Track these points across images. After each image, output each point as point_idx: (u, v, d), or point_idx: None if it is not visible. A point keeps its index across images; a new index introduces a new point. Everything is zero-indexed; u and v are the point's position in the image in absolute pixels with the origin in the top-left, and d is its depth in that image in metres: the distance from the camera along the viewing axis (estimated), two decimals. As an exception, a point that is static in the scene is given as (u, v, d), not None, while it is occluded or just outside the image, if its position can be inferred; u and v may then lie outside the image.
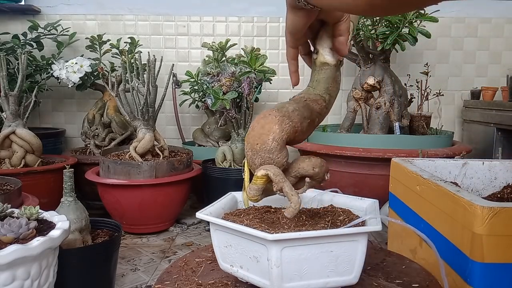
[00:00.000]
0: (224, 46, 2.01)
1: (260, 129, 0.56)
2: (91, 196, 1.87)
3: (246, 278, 0.61)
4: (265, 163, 0.56)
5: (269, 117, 0.56)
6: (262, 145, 0.56)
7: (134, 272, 1.36)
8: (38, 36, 2.16)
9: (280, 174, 0.54)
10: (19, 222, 0.85)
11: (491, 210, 0.74)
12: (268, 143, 0.55)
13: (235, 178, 1.76)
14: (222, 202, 0.72)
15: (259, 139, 0.56)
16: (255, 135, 0.57)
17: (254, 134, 0.57)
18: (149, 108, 1.76)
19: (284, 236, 0.55)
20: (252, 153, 0.57)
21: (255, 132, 0.57)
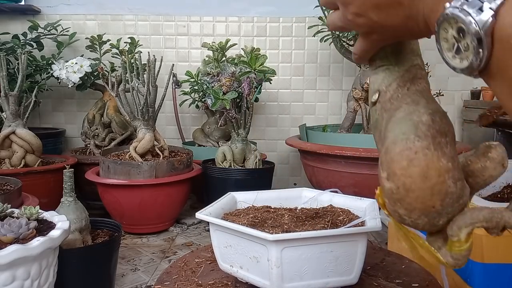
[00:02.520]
0: (224, 46, 2.01)
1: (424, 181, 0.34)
2: (91, 196, 1.87)
3: (246, 278, 0.61)
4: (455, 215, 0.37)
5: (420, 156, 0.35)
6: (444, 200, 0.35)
7: (134, 272, 1.36)
8: (38, 36, 2.16)
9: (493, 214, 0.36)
10: (19, 222, 0.85)
11: (491, 210, 0.74)
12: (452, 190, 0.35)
13: (235, 178, 1.76)
14: (222, 202, 0.72)
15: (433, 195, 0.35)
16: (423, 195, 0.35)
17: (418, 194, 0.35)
18: (149, 108, 1.76)
19: (284, 236, 0.55)
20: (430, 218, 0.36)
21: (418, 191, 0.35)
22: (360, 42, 0.41)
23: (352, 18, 0.37)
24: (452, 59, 0.31)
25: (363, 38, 0.40)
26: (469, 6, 0.28)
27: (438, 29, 0.31)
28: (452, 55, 0.31)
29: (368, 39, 0.40)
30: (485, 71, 0.30)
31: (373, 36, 0.39)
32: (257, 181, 1.77)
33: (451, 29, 0.30)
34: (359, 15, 0.37)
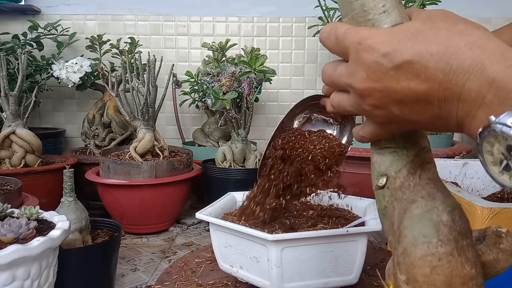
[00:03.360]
0: (224, 46, 2.01)
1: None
2: (91, 196, 1.87)
3: (246, 278, 0.61)
4: None
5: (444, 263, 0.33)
6: None
7: (134, 272, 1.36)
8: (38, 36, 2.16)
9: None
10: (19, 222, 0.85)
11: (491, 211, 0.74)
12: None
13: (235, 178, 1.76)
14: (222, 202, 0.72)
15: None
16: None
17: None
18: (149, 108, 1.76)
19: (284, 236, 0.55)
20: None
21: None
22: (372, 128, 0.36)
23: (370, 110, 0.33)
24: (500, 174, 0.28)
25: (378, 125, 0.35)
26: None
27: (482, 141, 0.28)
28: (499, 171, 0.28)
29: (383, 127, 0.35)
30: None
31: (391, 126, 0.35)
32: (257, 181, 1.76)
33: (498, 144, 0.27)
34: (378, 108, 0.32)
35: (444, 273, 0.32)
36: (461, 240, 0.33)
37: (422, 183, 0.37)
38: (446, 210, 0.34)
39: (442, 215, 0.34)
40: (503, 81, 0.26)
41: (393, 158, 0.38)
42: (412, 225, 0.34)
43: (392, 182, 0.38)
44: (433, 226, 0.34)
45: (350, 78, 0.32)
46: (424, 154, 0.39)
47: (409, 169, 0.38)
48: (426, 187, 0.37)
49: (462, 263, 0.32)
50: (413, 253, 0.33)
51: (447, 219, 0.34)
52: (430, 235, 0.33)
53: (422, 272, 0.33)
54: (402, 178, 0.38)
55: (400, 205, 0.37)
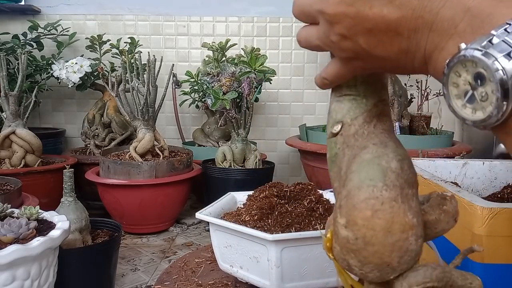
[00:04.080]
0: (224, 46, 2.01)
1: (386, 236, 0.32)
2: (91, 196, 1.87)
3: (246, 278, 0.61)
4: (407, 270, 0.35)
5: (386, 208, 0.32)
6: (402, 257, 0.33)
7: (134, 272, 1.36)
8: (38, 36, 2.16)
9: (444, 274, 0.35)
10: (19, 222, 0.85)
11: (491, 211, 0.74)
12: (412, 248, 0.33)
13: (235, 178, 1.76)
14: (222, 202, 0.72)
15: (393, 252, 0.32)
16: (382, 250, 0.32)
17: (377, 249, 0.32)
18: (149, 108, 1.76)
19: (283, 236, 0.55)
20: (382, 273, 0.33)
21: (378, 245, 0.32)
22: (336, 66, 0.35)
23: (337, 40, 0.31)
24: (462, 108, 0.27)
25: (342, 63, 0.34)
26: (495, 50, 0.24)
27: (449, 71, 0.27)
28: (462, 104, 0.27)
29: (347, 65, 0.34)
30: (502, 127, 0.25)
31: (355, 63, 0.33)
32: (257, 181, 1.76)
33: (466, 73, 0.26)
34: (346, 38, 0.30)
35: (385, 217, 0.31)
36: (407, 188, 0.33)
37: (376, 131, 0.37)
38: (396, 158, 0.34)
39: (392, 162, 0.33)
40: (478, 9, 0.25)
41: (351, 106, 0.38)
42: (360, 169, 0.34)
43: (347, 129, 0.37)
44: (381, 171, 0.33)
45: (322, 3, 0.31)
46: (382, 105, 0.38)
47: (365, 118, 0.37)
48: (380, 135, 0.36)
49: (404, 210, 0.32)
50: (356, 195, 0.33)
51: (396, 166, 0.33)
52: (376, 178, 0.33)
53: (362, 215, 0.32)
54: (357, 125, 0.37)
55: (351, 151, 0.36)
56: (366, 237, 0.32)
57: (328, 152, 0.39)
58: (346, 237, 0.33)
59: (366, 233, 0.32)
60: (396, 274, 0.34)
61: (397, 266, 0.33)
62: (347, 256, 0.34)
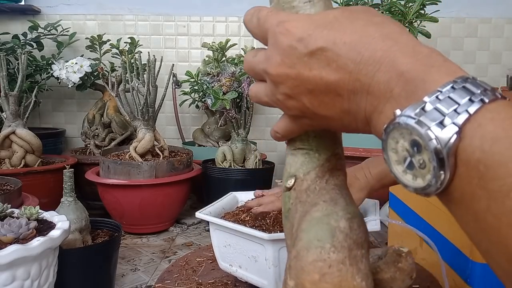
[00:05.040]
0: (224, 46, 2.01)
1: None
2: (91, 196, 1.87)
3: (245, 277, 0.61)
4: None
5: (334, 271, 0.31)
6: None
7: (134, 272, 1.36)
8: (38, 36, 2.16)
9: None
10: (19, 222, 0.85)
11: (491, 210, 0.74)
12: None
13: (235, 178, 1.76)
14: (223, 202, 0.72)
15: None
16: None
17: None
18: (149, 108, 1.76)
19: (281, 235, 0.55)
20: None
21: None
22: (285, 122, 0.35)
23: (282, 99, 0.32)
24: (403, 174, 0.26)
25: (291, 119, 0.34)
26: (427, 118, 0.23)
27: (386, 137, 0.26)
28: (402, 170, 0.26)
29: (296, 121, 0.34)
30: (444, 194, 0.25)
31: (303, 120, 0.33)
32: (257, 181, 1.77)
33: (403, 140, 0.25)
34: (290, 97, 0.31)
35: (333, 281, 0.30)
36: (356, 249, 0.32)
37: (328, 188, 0.36)
38: (346, 217, 0.33)
39: (340, 221, 0.33)
40: (412, 74, 0.25)
41: (304, 160, 0.37)
42: (309, 228, 0.33)
43: (299, 184, 0.37)
44: (329, 231, 0.32)
45: (266, 63, 0.32)
46: (335, 160, 0.38)
47: (317, 173, 0.37)
48: (331, 192, 0.36)
49: (352, 273, 0.31)
50: (305, 257, 0.32)
51: (344, 225, 0.33)
52: (324, 239, 0.32)
53: (310, 278, 0.31)
54: (309, 180, 0.37)
55: (302, 208, 0.36)
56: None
57: (283, 207, 0.39)
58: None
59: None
60: None
61: None
62: None
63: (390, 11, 1.76)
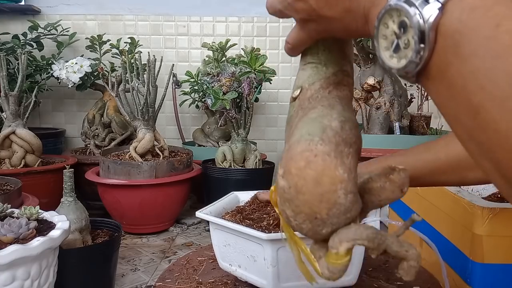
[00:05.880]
0: (224, 46, 2.01)
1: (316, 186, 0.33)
2: (91, 196, 1.87)
3: (244, 277, 0.61)
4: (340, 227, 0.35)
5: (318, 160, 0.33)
6: (331, 209, 0.34)
7: (134, 272, 1.36)
8: (38, 36, 2.16)
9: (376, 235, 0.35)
10: (19, 222, 0.85)
11: (491, 211, 0.74)
12: (341, 202, 0.33)
13: (235, 178, 1.76)
14: (224, 201, 0.72)
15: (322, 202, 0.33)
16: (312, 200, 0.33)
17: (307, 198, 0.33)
18: (149, 108, 1.76)
19: (279, 235, 0.55)
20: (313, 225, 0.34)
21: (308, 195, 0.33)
22: (296, 30, 0.39)
23: (291, 2, 0.35)
24: (390, 58, 0.29)
25: (300, 26, 0.38)
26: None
27: (378, 24, 0.29)
28: (389, 55, 0.29)
29: (304, 28, 0.37)
30: (424, 73, 0.27)
31: (310, 25, 0.36)
32: (257, 181, 1.77)
33: (393, 23, 0.28)
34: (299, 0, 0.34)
35: (316, 169, 0.33)
36: (343, 146, 0.34)
37: (329, 96, 0.38)
38: (339, 119, 0.35)
39: (333, 122, 0.35)
40: None
41: (312, 73, 0.40)
42: (303, 125, 0.36)
43: (304, 93, 0.39)
44: (321, 128, 0.34)
45: None
46: (342, 75, 0.40)
47: (322, 84, 0.39)
48: (331, 99, 0.38)
49: (336, 165, 0.33)
50: (294, 148, 0.34)
51: (336, 125, 0.34)
52: (314, 134, 0.34)
53: (296, 165, 0.33)
54: (313, 90, 0.39)
55: (302, 112, 0.38)
56: (297, 186, 0.33)
57: (288, 116, 0.41)
58: (282, 187, 0.34)
59: (298, 182, 0.33)
60: (328, 228, 0.34)
61: (326, 218, 0.34)
62: (284, 206, 0.35)
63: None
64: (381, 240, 0.35)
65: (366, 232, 0.34)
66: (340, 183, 0.33)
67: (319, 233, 0.35)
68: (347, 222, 0.35)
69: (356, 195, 0.34)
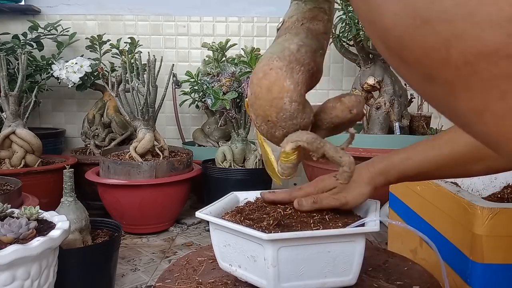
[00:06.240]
0: (224, 46, 2.01)
1: (268, 93, 0.41)
2: (91, 196, 1.87)
3: (244, 277, 0.61)
4: (290, 132, 0.43)
5: (272, 72, 0.41)
6: (278, 113, 0.41)
7: (134, 272, 1.36)
8: (38, 36, 2.16)
9: (315, 139, 0.42)
10: (19, 222, 0.85)
11: (491, 211, 0.74)
12: (286, 108, 0.41)
13: (235, 178, 1.76)
14: (224, 201, 0.72)
15: (271, 107, 0.41)
16: (264, 104, 0.41)
17: (261, 103, 0.41)
18: (149, 108, 1.76)
19: (280, 236, 0.55)
20: (268, 126, 0.43)
21: (262, 100, 0.41)
22: None
23: None
24: None
25: None
26: None
27: None
28: None
29: None
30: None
31: None
32: (257, 181, 1.77)
33: None
34: None
35: (270, 79, 0.41)
36: (295, 64, 0.41)
37: (300, 27, 0.44)
38: (298, 44, 0.42)
39: (292, 44, 0.42)
40: None
41: (293, 8, 0.45)
42: (271, 47, 0.43)
43: (284, 25, 0.45)
44: (281, 48, 0.42)
45: None
46: (317, 11, 0.44)
47: (298, 17, 0.44)
48: (299, 29, 0.43)
49: (285, 77, 0.40)
50: (258, 63, 0.42)
51: (293, 47, 0.41)
52: (274, 52, 0.42)
53: (257, 76, 0.42)
54: (290, 22, 0.45)
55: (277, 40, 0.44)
56: (256, 93, 0.42)
57: None
58: (248, 94, 0.43)
59: (256, 90, 0.42)
60: (280, 131, 0.43)
61: (275, 121, 0.42)
62: (248, 110, 0.44)
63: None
64: (319, 145, 0.42)
65: (307, 136, 0.42)
66: (286, 92, 0.41)
67: (273, 135, 0.44)
68: (295, 128, 0.42)
69: (301, 105, 0.42)
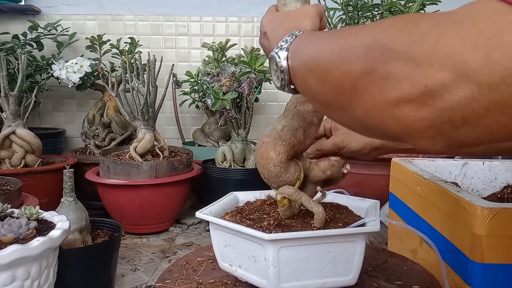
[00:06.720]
0: (224, 46, 2.01)
1: (261, 159, 0.61)
2: (91, 196, 1.87)
3: (244, 277, 0.61)
4: (281, 185, 0.60)
5: (263, 146, 0.61)
6: (268, 173, 0.60)
7: (134, 272, 1.36)
8: (38, 36, 2.16)
9: (294, 193, 0.59)
10: (19, 222, 0.85)
11: (491, 211, 0.74)
12: (272, 170, 0.60)
13: (235, 178, 1.76)
14: (224, 201, 0.72)
15: (264, 169, 0.61)
16: (261, 167, 0.61)
17: (260, 166, 0.61)
18: (149, 108, 1.76)
19: (280, 236, 0.55)
20: (267, 181, 0.62)
21: (260, 164, 0.61)
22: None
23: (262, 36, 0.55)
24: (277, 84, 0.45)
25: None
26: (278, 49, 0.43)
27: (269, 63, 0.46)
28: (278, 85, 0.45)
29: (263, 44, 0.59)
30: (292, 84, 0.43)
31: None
32: (257, 181, 1.76)
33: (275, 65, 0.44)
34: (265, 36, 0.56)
35: (261, 150, 0.61)
36: (278, 140, 0.60)
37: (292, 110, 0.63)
38: (283, 125, 0.61)
39: (278, 126, 0.61)
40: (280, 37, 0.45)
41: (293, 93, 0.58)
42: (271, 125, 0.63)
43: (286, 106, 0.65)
44: (271, 128, 0.61)
45: None
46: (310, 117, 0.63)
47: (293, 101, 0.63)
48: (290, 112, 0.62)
49: (269, 149, 0.60)
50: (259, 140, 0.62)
51: (279, 128, 0.61)
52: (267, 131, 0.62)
53: (257, 147, 0.63)
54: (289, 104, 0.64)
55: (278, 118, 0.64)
56: (257, 158, 0.62)
57: None
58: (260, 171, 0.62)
59: (257, 156, 0.62)
60: (273, 185, 0.62)
61: (267, 178, 0.62)
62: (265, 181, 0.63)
63: (390, 11, 1.76)
64: (297, 197, 0.59)
65: (288, 190, 0.59)
66: (271, 159, 0.60)
67: (273, 187, 0.63)
68: (283, 184, 0.60)
69: (282, 168, 0.60)
